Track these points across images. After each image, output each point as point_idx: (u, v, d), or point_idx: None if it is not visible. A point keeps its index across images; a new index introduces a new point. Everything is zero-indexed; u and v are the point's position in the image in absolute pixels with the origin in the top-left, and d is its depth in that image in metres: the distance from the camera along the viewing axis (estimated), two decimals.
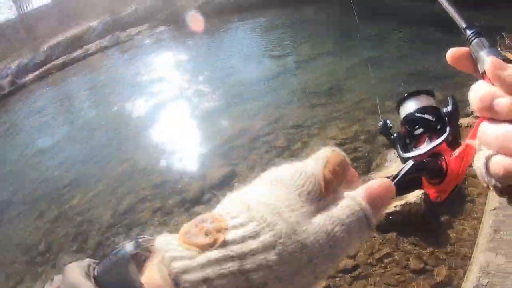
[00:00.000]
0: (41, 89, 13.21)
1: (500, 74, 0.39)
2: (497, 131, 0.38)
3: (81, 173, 6.35)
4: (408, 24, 9.75)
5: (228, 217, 0.36)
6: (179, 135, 6.65)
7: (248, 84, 7.90)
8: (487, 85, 0.41)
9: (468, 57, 0.48)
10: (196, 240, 0.34)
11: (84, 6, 17.80)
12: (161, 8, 15.74)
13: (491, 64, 0.40)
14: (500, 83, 0.39)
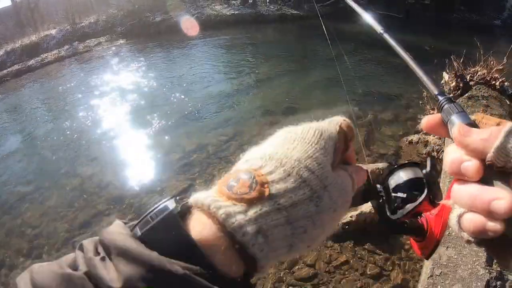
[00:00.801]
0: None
1: (464, 140, 0.42)
2: (466, 191, 0.41)
3: (34, 186, 6.12)
4: (365, 48, 10.24)
5: (265, 172, 0.40)
6: (135, 149, 6.59)
7: (206, 100, 8.00)
8: (456, 150, 0.43)
9: (441, 124, 0.51)
10: (244, 195, 0.38)
11: (44, 13, 17.31)
12: (122, 21, 15.60)
13: (456, 131, 0.43)
14: (465, 149, 0.42)
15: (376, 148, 5.38)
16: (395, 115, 6.22)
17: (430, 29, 11.74)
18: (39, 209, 5.46)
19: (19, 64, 15.08)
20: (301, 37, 12.94)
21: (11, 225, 5.29)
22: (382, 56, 9.51)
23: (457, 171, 0.42)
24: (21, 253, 4.72)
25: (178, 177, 5.41)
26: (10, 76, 14.26)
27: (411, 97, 6.69)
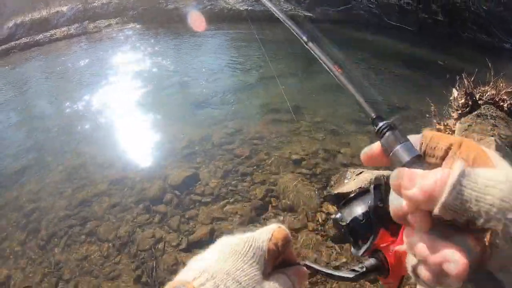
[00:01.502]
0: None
1: (405, 193, 0.40)
2: (417, 244, 0.41)
3: (35, 160, 6.09)
4: (373, 56, 10.28)
5: (197, 284, 0.43)
6: (139, 133, 6.58)
7: (213, 92, 7.97)
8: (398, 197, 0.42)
9: (382, 154, 0.50)
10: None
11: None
12: (134, 5, 15.52)
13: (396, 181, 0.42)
14: (408, 201, 0.40)
15: None
16: (400, 125, 6.24)
17: (441, 45, 11.76)
18: (38, 184, 5.43)
19: (27, 37, 14.97)
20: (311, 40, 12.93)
21: (8, 197, 5.27)
22: (391, 65, 9.57)
23: (403, 220, 0.42)
24: (17, 226, 4.71)
25: (181, 165, 5.40)
26: (18, 48, 14.18)
27: (417, 108, 6.72)
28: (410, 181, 0.40)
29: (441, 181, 0.37)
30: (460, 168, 0.37)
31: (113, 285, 3.75)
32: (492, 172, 0.37)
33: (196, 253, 1.65)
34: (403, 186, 0.40)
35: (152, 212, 4.59)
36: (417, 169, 0.42)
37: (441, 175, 0.38)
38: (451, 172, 0.37)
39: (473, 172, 0.37)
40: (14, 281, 3.96)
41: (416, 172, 0.40)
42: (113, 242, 4.24)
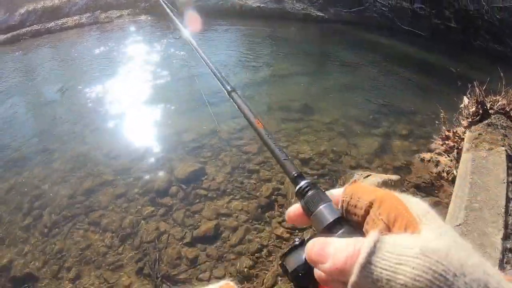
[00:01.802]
0: (9, 53, 12.59)
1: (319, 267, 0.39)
2: None
3: (41, 147, 6.09)
4: (384, 60, 10.23)
5: None
6: (147, 124, 6.55)
7: (220, 90, 7.86)
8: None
9: (302, 215, 0.50)
10: None
11: None
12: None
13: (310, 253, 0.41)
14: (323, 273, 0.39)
15: (388, 160, 5.37)
16: (409, 130, 6.20)
17: (453, 52, 11.67)
18: (44, 170, 5.42)
19: (38, 24, 14.99)
20: (322, 40, 12.89)
21: (14, 182, 5.26)
22: (402, 69, 9.51)
23: (327, 285, 0.41)
24: (21, 211, 4.70)
25: (188, 158, 5.37)
26: (28, 35, 14.20)
27: (427, 114, 6.67)
28: (322, 256, 0.39)
29: (351, 259, 0.35)
30: (371, 242, 0.35)
31: (115, 276, 3.73)
32: (407, 243, 0.34)
33: (199, 248, 1.63)
34: (315, 262, 0.40)
35: (157, 204, 4.56)
36: (334, 237, 0.41)
37: (352, 252, 0.36)
38: (362, 247, 0.35)
39: (386, 245, 0.35)
40: (15, 266, 3.95)
41: (328, 246, 0.39)
42: (117, 233, 4.21)
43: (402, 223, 0.38)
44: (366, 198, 0.42)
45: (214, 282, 0.53)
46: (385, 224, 0.39)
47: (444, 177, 4.89)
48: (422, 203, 0.41)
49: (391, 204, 0.40)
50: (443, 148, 5.34)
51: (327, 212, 0.45)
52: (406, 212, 0.39)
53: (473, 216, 3.19)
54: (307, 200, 0.48)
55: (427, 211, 0.39)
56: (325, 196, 0.48)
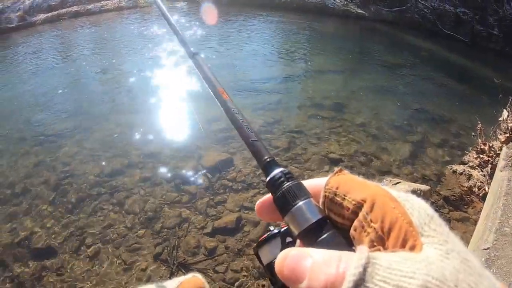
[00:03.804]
0: (49, 32, 12.92)
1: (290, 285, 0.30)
2: None
3: (73, 125, 6.19)
4: (421, 63, 9.93)
5: None
6: (179, 111, 6.56)
7: (256, 79, 7.87)
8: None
9: (274, 211, 0.40)
10: None
11: None
12: None
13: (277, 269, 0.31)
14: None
15: (419, 168, 5.18)
16: (443, 139, 5.97)
17: (494, 61, 11.24)
18: (74, 148, 5.50)
19: (78, 6, 15.33)
20: (361, 38, 12.64)
21: (44, 157, 5.36)
22: (439, 75, 9.21)
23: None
24: (48, 186, 4.77)
25: (217, 147, 5.34)
26: (68, 16, 14.54)
27: (463, 125, 6.43)
28: (296, 274, 0.29)
29: (332, 284, 0.27)
30: (359, 266, 0.26)
31: (133, 257, 3.74)
32: (407, 268, 0.26)
33: (219, 239, 1.57)
34: (287, 280, 0.30)
35: (182, 191, 4.54)
36: (311, 248, 0.31)
37: (334, 274, 0.27)
38: (348, 270, 0.27)
39: (379, 271, 0.26)
40: (37, 238, 4.01)
41: (303, 261, 0.29)
42: (139, 216, 4.22)
43: (400, 234, 0.29)
44: (354, 196, 0.34)
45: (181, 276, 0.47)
46: (378, 234, 0.30)
47: (475, 192, 4.68)
48: (424, 205, 0.32)
49: (386, 206, 0.31)
50: (477, 161, 5.10)
51: (306, 210, 0.36)
52: (404, 219, 0.30)
53: (502, 241, 2.96)
54: (281, 194, 0.38)
55: (430, 217, 0.31)
56: (303, 189, 0.38)
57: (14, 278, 3.59)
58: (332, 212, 0.35)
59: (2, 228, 4.18)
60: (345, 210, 0.34)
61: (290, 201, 0.37)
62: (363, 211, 0.32)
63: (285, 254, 0.31)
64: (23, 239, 4.01)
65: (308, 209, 0.36)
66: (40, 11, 14.83)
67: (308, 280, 0.28)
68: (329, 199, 0.36)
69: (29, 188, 4.77)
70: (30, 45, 11.56)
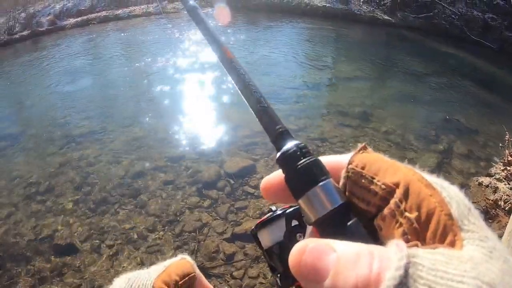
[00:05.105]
0: (78, 36, 13.29)
1: (308, 285, 0.25)
2: None
3: (99, 125, 6.33)
4: (449, 70, 9.72)
5: None
6: (204, 116, 6.58)
7: (281, 85, 7.84)
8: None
9: (285, 191, 0.33)
10: None
11: None
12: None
13: (292, 266, 0.26)
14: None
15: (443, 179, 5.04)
16: (469, 150, 5.79)
17: None
18: (99, 149, 5.61)
19: (107, 11, 15.74)
20: (387, 45, 12.47)
21: (69, 157, 5.49)
22: (467, 82, 8.99)
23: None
24: (73, 185, 4.88)
25: (240, 154, 5.31)
26: (97, 20, 14.93)
27: (490, 135, 6.23)
28: (316, 273, 0.24)
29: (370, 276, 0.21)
30: (399, 270, 0.21)
31: (151, 259, 3.75)
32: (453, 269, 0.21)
33: (238, 245, 1.56)
34: (305, 278, 0.25)
35: (203, 195, 4.54)
36: (335, 240, 0.25)
37: (367, 275, 0.22)
38: (385, 271, 0.21)
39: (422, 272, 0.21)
40: (59, 235, 4.09)
41: (326, 256, 0.24)
42: (160, 218, 4.24)
43: (438, 227, 0.25)
44: (384, 179, 0.28)
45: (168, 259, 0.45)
46: (413, 226, 0.26)
47: (500, 206, 4.51)
48: (461, 195, 0.28)
49: (423, 193, 0.26)
50: (503, 174, 4.92)
51: (325, 194, 0.29)
52: (443, 210, 0.25)
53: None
54: (295, 172, 0.31)
55: (468, 208, 0.26)
56: (322, 168, 0.31)
57: (36, 272, 3.69)
58: (354, 196, 0.30)
59: (27, 224, 4.29)
60: (372, 195, 0.29)
61: (307, 181, 0.30)
62: (395, 198, 0.27)
63: (302, 246, 0.26)
64: (46, 236, 4.10)
65: (328, 192, 0.29)
66: (70, 15, 15.30)
67: (332, 280, 0.23)
68: (353, 180, 0.30)
69: (54, 186, 4.88)
70: (60, 49, 11.93)
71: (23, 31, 14.03)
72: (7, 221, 4.38)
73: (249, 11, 14.42)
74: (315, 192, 0.29)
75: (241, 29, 12.59)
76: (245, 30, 12.50)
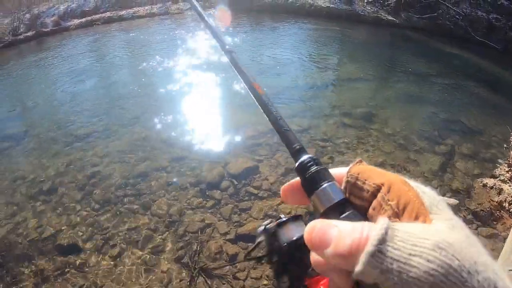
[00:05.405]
0: (82, 37, 13.34)
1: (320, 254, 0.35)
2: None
3: (103, 126, 6.34)
4: (453, 71, 9.70)
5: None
6: (207, 116, 6.58)
7: (286, 86, 7.84)
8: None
9: (302, 193, 0.44)
10: None
11: None
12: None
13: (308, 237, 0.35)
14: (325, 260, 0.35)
15: (447, 181, 5.01)
16: (473, 151, 5.75)
17: None
18: (103, 149, 5.62)
19: (111, 12, 15.81)
20: (391, 46, 12.44)
21: (73, 157, 5.49)
22: (471, 83, 8.96)
23: (324, 274, 0.37)
24: (76, 185, 4.87)
25: (244, 154, 5.30)
26: (101, 21, 15.00)
27: (494, 136, 6.20)
28: (323, 240, 0.34)
29: (357, 245, 0.31)
30: (382, 229, 0.31)
31: (155, 260, 3.75)
32: (422, 233, 0.31)
33: (241, 246, 1.58)
34: (315, 246, 0.35)
35: (207, 196, 4.53)
36: (336, 220, 0.36)
37: (359, 237, 0.32)
38: (371, 233, 0.31)
39: (399, 233, 0.31)
40: (62, 235, 4.09)
41: (330, 230, 0.34)
42: (163, 219, 4.24)
43: (413, 210, 0.35)
44: (374, 180, 0.38)
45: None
46: (394, 211, 0.35)
47: (505, 207, 4.49)
48: (432, 191, 0.38)
49: (401, 189, 0.36)
50: (508, 175, 4.91)
51: (331, 191, 0.40)
52: (417, 199, 0.35)
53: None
54: (308, 176, 0.42)
55: (437, 200, 0.36)
56: (329, 174, 0.42)
57: (39, 272, 3.68)
58: (352, 195, 0.40)
59: (30, 224, 4.30)
60: (365, 192, 0.38)
61: (317, 182, 0.41)
62: (381, 192, 0.37)
63: (313, 224, 0.35)
64: (49, 236, 4.10)
65: (332, 191, 0.40)
66: (74, 16, 15.36)
67: (334, 245, 0.32)
68: (351, 183, 0.40)
69: (57, 186, 4.89)
70: (64, 49, 11.99)
71: (28, 31, 14.11)
72: (10, 220, 4.39)
73: (253, 12, 14.42)
74: (322, 190, 0.40)
75: (246, 30, 12.60)
76: (250, 31, 12.51)
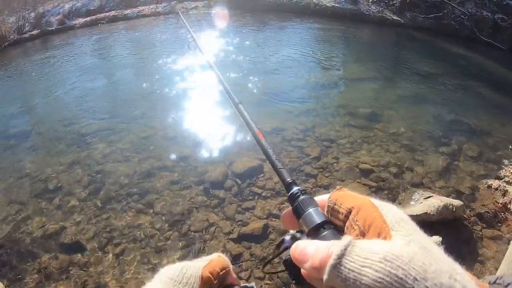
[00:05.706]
0: (87, 36, 13.38)
1: (302, 266, 0.43)
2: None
3: (108, 125, 6.34)
4: (459, 71, 9.64)
5: None
6: (212, 116, 6.56)
7: (290, 85, 7.81)
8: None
9: (293, 218, 0.53)
10: None
11: None
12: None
13: (293, 253, 0.45)
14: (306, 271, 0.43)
15: (452, 182, 4.97)
16: (479, 152, 5.71)
17: None
18: (108, 148, 5.63)
19: (116, 11, 15.84)
20: (396, 45, 12.37)
21: (77, 156, 5.51)
22: (477, 84, 8.89)
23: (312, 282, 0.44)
24: (81, 183, 4.89)
25: (249, 154, 5.27)
26: (106, 20, 15.03)
27: (500, 137, 6.15)
28: (303, 256, 0.43)
29: (324, 260, 0.39)
30: (342, 246, 0.38)
31: (158, 258, 3.75)
32: (375, 248, 0.37)
33: (244, 246, 1.58)
34: (298, 261, 0.44)
35: (211, 195, 4.53)
36: (317, 239, 0.46)
37: (326, 253, 0.39)
38: (334, 249, 0.38)
39: (356, 249, 0.37)
40: (66, 233, 4.11)
41: (309, 247, 0.43)
42: (167, 218, 4.24)
43: (376, 229, 0.41)
44: (346, 205, 0.46)
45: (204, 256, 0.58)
46: (361, 230, 0.42)
47: (510, 209, 4.46)
48: (397, 211, 0.43)
49: (368, 211, 0.43)
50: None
51: (313, 215, 0.49)
52: (380, 219, 0.42)
53: None
54: (297, 204, 0.52)
55: (401, 219, 0.42)
56: (313, 201, 0.52)
57: (42, 269, 3.71)
58: (333, 217, 0.48)
59: (34, 222, 4.32)
60: (341, 215, 0.46)
61: (303, 209, 0.51)
62: (352, 215, 0.44)
63: (296, 244, 0.45)
64: (53, 233, 4.12)
65: (315, 214, 0.49)
66: (79, 15, 15.41)
67: (310, 260, 0.41)
68: (331, 207, 0.49)
69: (62, 184, 4.90)
70: (69, 48, 12.03)
71: (33, 30, 14.18)
72: (15, 218, 4.41)
73: (258, 11, 14.40)
74: (307, 214, 0.50)
75: (251, 30, 12.57)
76: (255, 31, 12.47)
